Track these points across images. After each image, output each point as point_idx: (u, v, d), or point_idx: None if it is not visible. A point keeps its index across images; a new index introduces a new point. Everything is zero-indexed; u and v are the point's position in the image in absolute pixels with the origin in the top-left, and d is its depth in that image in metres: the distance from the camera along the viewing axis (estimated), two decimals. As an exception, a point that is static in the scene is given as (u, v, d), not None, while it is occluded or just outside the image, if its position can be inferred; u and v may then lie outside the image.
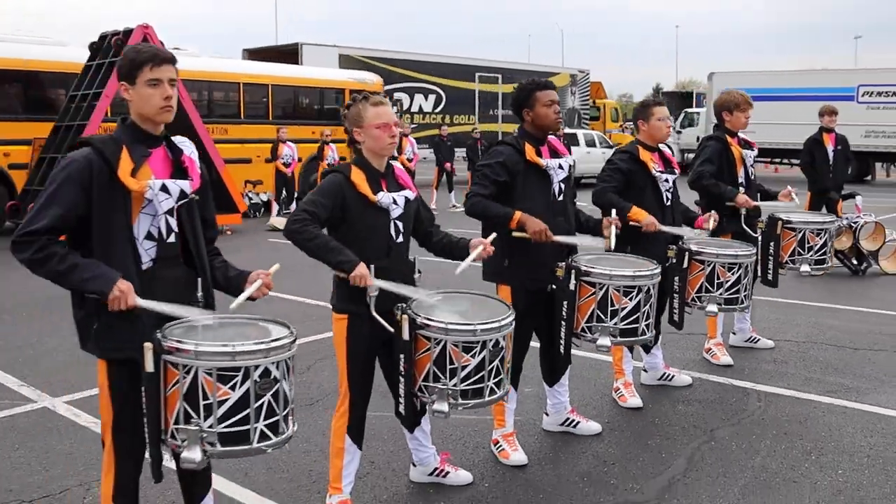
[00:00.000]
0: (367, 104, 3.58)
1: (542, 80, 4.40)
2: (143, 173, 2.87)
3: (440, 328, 3.31)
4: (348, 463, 3.65)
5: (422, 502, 3.92)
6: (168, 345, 2.64)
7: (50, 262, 2.71)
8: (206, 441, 2.62)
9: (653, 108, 5.14)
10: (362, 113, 3.56)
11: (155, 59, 2.86)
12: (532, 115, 4.31)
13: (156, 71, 2.85)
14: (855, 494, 4.00)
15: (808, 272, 5.86)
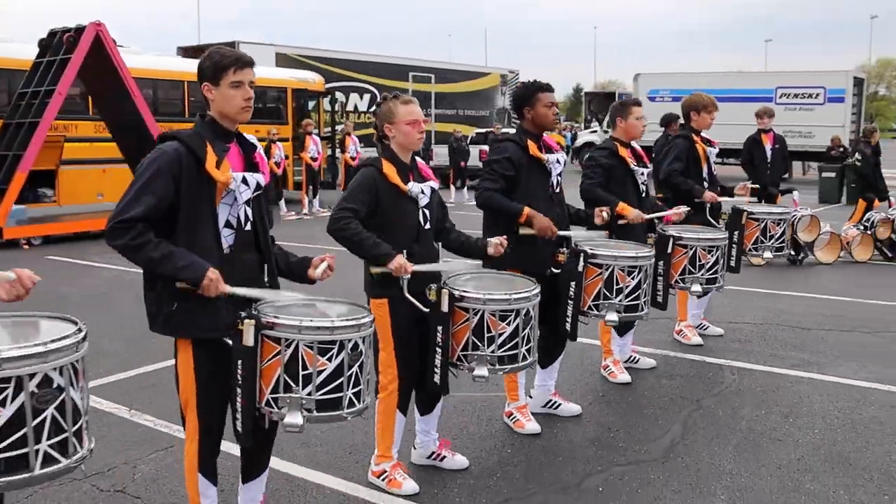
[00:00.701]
0: (397, 102, 3.90)
1: (544, 83, 4.77)
2: (224, 167, 3.12)
3: (478, 299, 3.67)
4: (397, 433, 3.97)
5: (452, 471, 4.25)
6: (267, 320, 2.90)
7: (145, 249, 2.92)
8: (304, 407, 2.90)
9: (631, 108, 5.57)
10: (394, 110, 3.87)
11: (238, 63, 3.11)
12: (532, 114, 4.68)
13: (238, 74, 3.10)
14: (832, 449, 4.51)
15: (771, 258, 6.41)
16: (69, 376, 2.28)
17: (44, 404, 2.20)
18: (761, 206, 6.71)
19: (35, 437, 2.18)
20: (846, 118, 27.14)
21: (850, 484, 4.08)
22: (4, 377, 2.13)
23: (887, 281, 9.69)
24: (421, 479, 4.10)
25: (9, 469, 2.17)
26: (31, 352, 2.18)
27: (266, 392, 2.95)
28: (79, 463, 2.35)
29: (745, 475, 4.18)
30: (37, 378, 2.17)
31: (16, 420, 2.15)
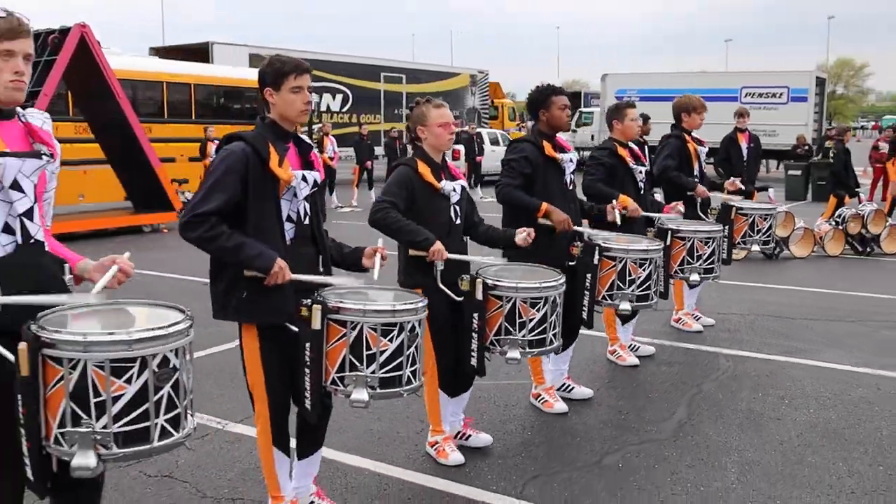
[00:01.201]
0: (430, 106, 4.16)
1: (557, 86, 5.06)
2: (285, 165, 3.35)
3: (511, 287, 3.95)
4: (444, 409, 4.24)
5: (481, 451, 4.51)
6: (333, 305, 3.15)
7: (219, 240, 3.14)
8: (368, 385, 3.15)
9: (626, 110, 5.88)
10: (426, 113, 4.13)
11: (298, 70, 3.34)
12: (547, 116, 4.96)
13: (298, 79, 3.33)
14: (828, 426, 4.86)
15: (759, 251, 6.77)
16: (182, 358, 2.46)
17: (162, 382, 2.37)
18: (749, 202, 7.06)
19: (155, 412, 2.35)
20: (809, 117, 27.87)
21: (847, 457, 4.42)
22: (133, 357, 2.31)
23: (859, 273, 10.13)
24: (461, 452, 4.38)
25: (132, 441, 2.34)
26: (155, 334, 2.35)
27: (332, 371, 3.19)
28: (186, 438, 2.51)
29: (751, 450, 4.50)
30: (158, 358, 2.35)
31: (139, 396, 2.33)
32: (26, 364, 2.27)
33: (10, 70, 2.50)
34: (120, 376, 2.29)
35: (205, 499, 3.99)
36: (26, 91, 2.57)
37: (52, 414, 2.34)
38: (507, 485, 4.10)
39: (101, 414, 2.29)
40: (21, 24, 2.53)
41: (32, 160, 2.58)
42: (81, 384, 2.28)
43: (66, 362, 2.28)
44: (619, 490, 4.04)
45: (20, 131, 2.63)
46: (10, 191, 2.52)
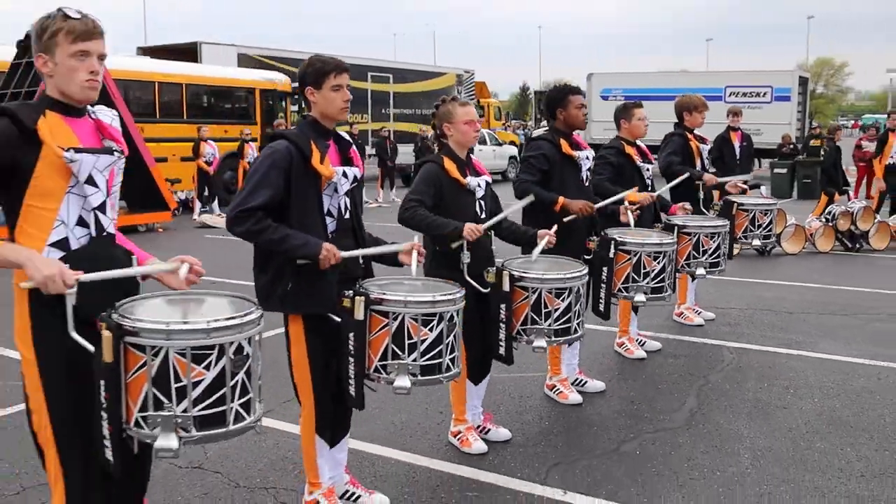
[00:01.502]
0: (455, 104, 4.31)
1: (574, 86, 5.23)
2: (326, 161, 3.49)
3: (536, 279, 4.10)
4: (469, 399, 4.39)
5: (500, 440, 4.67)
6: (376, 296, 3.30)
7: (266, 233, 3.28)
8: (410, 372, 3.30)
9: (633, 110, 6.06)
10: (452, 111, 4.28)
11: (338, 69, 3.48)
12: (564, 115, 5.12)
13: (338, 78, 3.48)
14: (833, 414, 5.05)
15: (759, 245, 6.97)
16: (254, 346, 2.59)
17: (237, 369, 2.50)
18: (750, 198, 7.26)
19: (231, 396, 2.49)
20: (792, 116, 28.22)
21: (854, 443, 4.62)
22: (211, 344, 2.44)
23: (849, 269, 10.37)
24: (476, 447, 4.54)
25: (210, 424, 2.48)
26: (231, 323, 2.48)
27: (375, 360, 3.34)
28: (256, 422, 2.63)
29: (761, 438, 4.68)
30: (234, 346, 2.48)
31: (217, 382, 2.46)
32: (110, 351, 2.41)
33: (85, 70, 2.62)
34: (199, 363, 2.43)
35: (238, 488, 4.12)
36: (98, 90, 2.70)
37: (132, 399, 2.48)
38: (530, 472, 4.26)
39: (182, 398, 2.43)
40: (96, 26, 2.66)
41: (105, 156, 2.70)
42: (163, 370, 2.42)
43: (148, 349, 2.42)
44: (639, 476, 4.20)
45: (91, 128, 2.75)
46: (85, 185, 2.64)
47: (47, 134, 2.57)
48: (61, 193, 2.62)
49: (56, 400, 2.63)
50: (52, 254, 2.61)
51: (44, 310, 2.57)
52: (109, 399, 2.45)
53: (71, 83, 2.62)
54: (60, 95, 2.66)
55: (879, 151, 12.96)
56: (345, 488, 3.83)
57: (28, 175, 2.57)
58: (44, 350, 2.61)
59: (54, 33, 2.61)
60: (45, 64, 2.63)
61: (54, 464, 2.69)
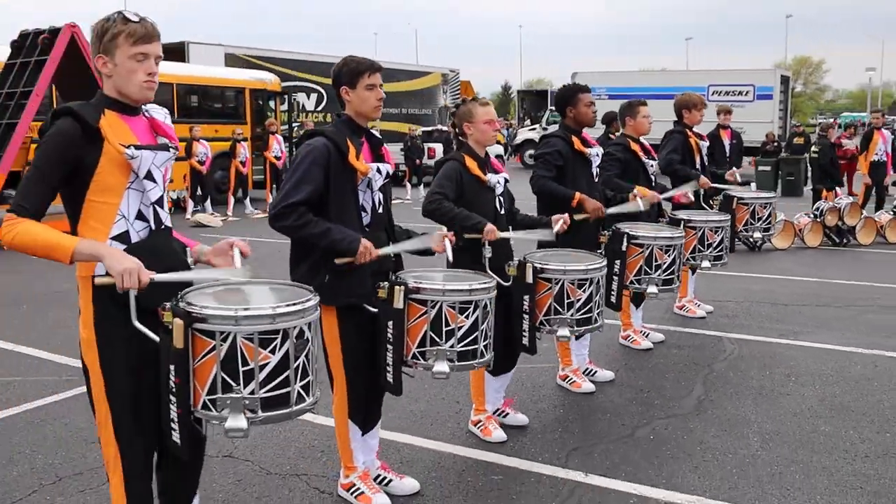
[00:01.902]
0: (476, 104, 4.46)
1: (583, 84, 5.40)
2: (361, 158, 3.64)
3: (559, 270, 4.28)
4: (487, 388, 4.55)
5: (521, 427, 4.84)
6: (413, 286, 3.46)
7: (308, 227, 3.42)
8: (448, 358, 3.47)
9: (638, 108, 6.25)
10: (472, 111, 4.43)
11: (372, 69, 3.63)
12: (574, 112, 5.29)
13: (371, 78, 3.62)
14: (834, 400, 5.27)
15: (760, 238, 7.20)
16: (313, 331, 2.72)
17: (299, 352, 2.64)
18: (750, 192, 7.48)
19: (294, 378, 2.62)
20: (774, 114, 28.59)
21: (856, 426, 4.83)
22: (277, 329, 2.57)
23: (838, 263, 10.62)
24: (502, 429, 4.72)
25: (274, 405, 2.61)
26: (294, 309, 2.61)
27: (413, 347, 3.50)
28: (314, 403, 2.76)
29: (768, 422, 4.88)
30: (296, 330, 2.62)
31: (281, 365, 2.59)
32: (181, 337, 2.55)
33: (144, 71, 2.75)
34: (265, 347, 2.58)
35: (270, 475, 4.26)
36: (154, 90, 2.83)
37: (200, 382, 2.61)
38: (550, 456, 4.43)
39: (249, 381, 2.57)
40: (154, 29, 2.79)
41: (163, 152, 2.84)
42: (231, 354, 2.56)
43: (217, 335, 2.56)
44: (655, 458, 4.39)
45: (146, 126, 2.88)
46: (145, 181, 2.77)
47: (109, 132, 2.70)
48: (122, 189, 2.74)
49: (115, 385, 2.76)
50: (114, 246, 2.73)
51: (106, 299, 2.70)
52: (179, 383, 2.59)
53: (130, 84, 2.75)
54: (118, 95, 2.78)
55: (865, 148, 13.27)
56: (376, 472, 3.98)
57: (91, 172, 2.68)
58: (105, 336, 2.73)
59: (115, 36, 2.72)
60: (104, 65, 2.75)
61: (112, 448, 2.80)
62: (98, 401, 2.78)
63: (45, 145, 2.64)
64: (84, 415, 5.06)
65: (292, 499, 3.98)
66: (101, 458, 4.33)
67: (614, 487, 4.05)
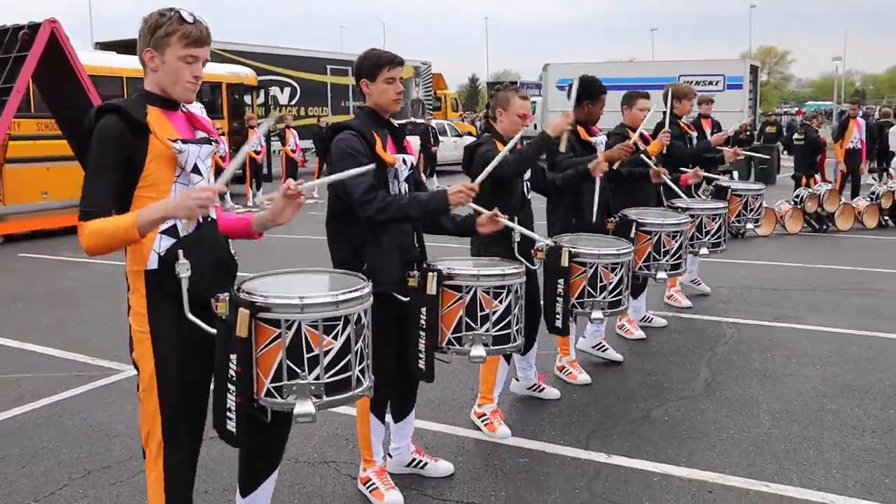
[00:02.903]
0: (516, 95, 4.53)
1: (605, 86, 5.49)
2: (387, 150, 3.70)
3: (593, 254, 4.41)
4: (499, 378, 4.64)
5: (532, 407, 4.95)
6: (447, 272, 3.54)
7: (393, 207, 3.45)
8: (484, 342, 3.56)
9: (637, 100, 6.37)
10: (511, 100, 4.50)
11: (392, 62, 3.67)
12: (590, 109, 5.42)
13: (391, 71, 3.66)
14: (836, 379, 5.45)
15: (753, 229, 7.38)
16: (369, 317, 2.81)
17: (358, 337, 2.71)
18: (741, 183, 7.65)
19: (354, 363, 2.70)
20: (744, 104, 28.99)
21: (861, 403, 5.01)
22: (339, 315, 2.64)
23: (820, 249, 10.87)
24: (518, 414, 4.87)
25: (338, 389, 2.67)
26: (355, 295, 2.69)
27: (448, 333, 3.59)
28: (370, 388, 2.82)
29: (776, 402, 5.04)
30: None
31: (343, 350, 2.66)
32: (245, 326, 2.61)
33: (190, 73, 2.79)
34: (329, 333, 2.65)
35: (298, 463, 4.32)
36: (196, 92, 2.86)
37: (263, 371, 2.66)
38: (571, 438, 4.55)
39: (314, 367, 2.64)
40: (208, 33, 2.81)
41: (207, 146, 2.88)
42: (296, 342, 2.63)
43: (283, 323, 2.62)
44: (673, 439, 4.52)
45: (184, 120, 2.92)
46: (192, 174, 2.82)
47: (156, 127, 2.72)
48: (169, 183, 2.77)
49: (168, 379, 2.79)
50: (164, 241, 2.75)
51: (159, 292, 2.74)
52: (240, 372, 2.64)
53: (176, 84, 2.78)
54: (161, 91, 2.80)
55: (840, 136, 13.56)
56: (411, 457, 4.07)
57: (140, 168, 2.70)
58: (159, 329, 2.77)
59: (169, 34, 2.73)
60: (152, 59, 2.77)
61: (156, 441, 2.81)
62: (147, 394, 2.80)
63: (98, 145, 2.65)
64: (102, 409, 5.10)
65: (325, 485, 4.05)
66: (127, 452, 4.43)
67: (637, 467, 4.18)
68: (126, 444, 4.56)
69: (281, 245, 10.81)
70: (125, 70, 17.40)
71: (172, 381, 2.78)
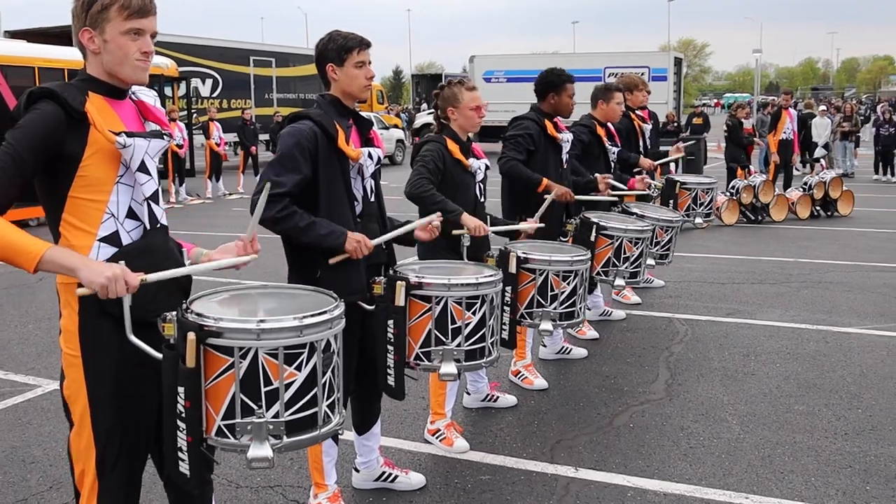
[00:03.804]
0: (462, 88, 4.19)
1: (569, 74, 5.22)
2: (350, 143, 3.35)
3: (543, 260, 4.11)
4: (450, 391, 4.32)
5: (488, 418, 4.66)
6: (416, 281, 3.21)
7: (292, 220, 3.10)
8: (455, 358, 3.24)
9: (614, 93, 6.12)
10: (458, 95, 4.17)
11: (362, 44, 3.32)
12: (556, 101, 5.13)
13: (362, 54, 3.32)
14: (799, 378, 5.32)
15: (701, 223, 7.24)
16: (339, 343, 2.42)
17: (326, 367, 2.33)
18: (692, 177, 7.51)
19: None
20: (669, 95, 29.32)
21: (828, 403, 4.87)
22: (303, 343, 2.26)
23: (759, 240, 10.85)
24: (475, 425, 4.57)
25: (300, 428, 2.30)
26: (322, 319, 2.28)
27: (416, 347, 3.26)
28: (340, 425, 2.47)
29: (742, 404, 4.87)
30: (323, 343, 2.30)
31: (308, 382, 2.29)
32: (193, 355, 2.23)
33: (138, 49, 2.41)
34: (291, 363, 2.28)
35: (240, 489, 3.94)
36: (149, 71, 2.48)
37: (214, 406, 2.29)
38: (535, 451, 4.27)
39: (273, 402, 2.27)
40: (152, 1, 2.44)
41: (157, 140, 2.50)
42: (252, 373, 2.26)
43: (236, 351, 2.25)
44: (641, 448, 4.29)
45: (133, 110, 2.54)
46: (137, 173, 2.43)
47: (96, 117, 2.35)
48: (111, 184, 2.41)
49: (102, 410, 2.42)
50: (102, 250, 2.40)
51: (94, 309, 2.36)
52: (189, 408, 2.27)
53: (123, 64, 2.41)
54: (107, 76, 2.44)
55: (773, 127, 13.66)
56: (381, 470, 3.77)
57: (75, 164, 2.33)
58: (93, 353, 2.40)
59: (106, 7, 2.37)
60: (90, 40, 2.39)
61: (90, 478, 2.46)
62: (80, 429, 2.43)
63: (21, 130, 2.26)
64: (16, 432, 4.62)
65: (272, 514, 3.69)
66: (45, 481, 4.00)
67: (608, 481, 3.93)
68: (45, 471, 4.11)
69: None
70: (37, 60, 16.49)
71: (109, 414, 2.41)
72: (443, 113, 4.21)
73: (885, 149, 18.79)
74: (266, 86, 29.81)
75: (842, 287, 7.84)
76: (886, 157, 18.83)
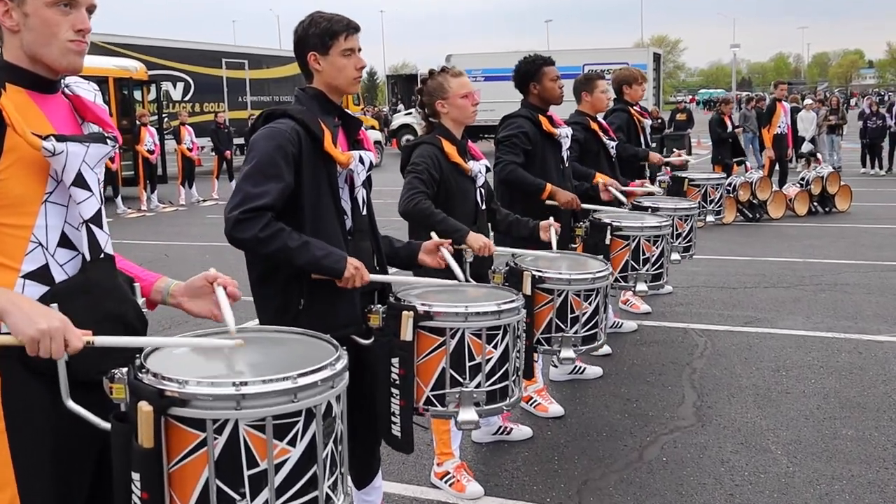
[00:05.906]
0: (447, 76, 3.62)
1: (547, 57, 4.69)
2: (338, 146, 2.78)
3: (563, 279, 3.50)
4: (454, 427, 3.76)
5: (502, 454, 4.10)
6: (425, 310, 2.64)
7: (280, 239, 2.51)
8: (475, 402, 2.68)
9: (596, 82, 5.60)
10: (444, 85, 3.60)
11: (349, 28, 2.76)
12: (539, 89, 4.58)
13: (350, 40, 2.75)
14: (839, 396, 4.80)
15: (713, 221, 6.73)
16: (342, 403, 1.88)
17: (327, 437, 1.80)
18: (701, 173, 7.02)
19: (322, 475, 1.78)
20: (648, 91, 28.96)
21: (878, 426, 4.36)
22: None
23: (762, 239, 10.31)
24: (487, 465, 4.00)
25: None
26: (322, 377, 1.76)
27: (426, 390, 2.68)
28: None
29: (783, 429, 4.34)
30: (322, 407, 1.78)
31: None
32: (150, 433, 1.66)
33: (70, 26, 1.85)
34: (282, 437, 1.71)
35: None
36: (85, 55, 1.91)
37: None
38: (560, 495, 3.72)
39: (259, 487, 1.70)
40: None
41: (98, 146, 1.93)
42: (230, 452, 1.69)
43: (209, 424, 1.67)
44: (681, 486, 3.75)
45: (67, 108, 1.98)
46: (72, 189, 1.87)
47: (14, 116, 1.79)
48: (36, 203, 1.86)
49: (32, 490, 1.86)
50: (29, 288, 1.84)
51: (17, 363, 1.80)
52: (147, 500, 1.70)
53: (50, 45, 1.85)
54: (29, 63, 1.88)
55: (767, 121, 13.22)
56: None
57: None
58: (20, 420, 1.84)
59: None
60: (7, 14, 1.84)
61: None
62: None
63: None
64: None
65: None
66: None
67: (649, 531, 3.39)
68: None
69: (201, 260, 9.66)
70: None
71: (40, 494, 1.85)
72: (430, 109, 3.62)
73: (872, 142, 18.45)
74: (240, 88, 29.21)
75: (861, 289, 7.35)
76: (874, 150, 18.49)
